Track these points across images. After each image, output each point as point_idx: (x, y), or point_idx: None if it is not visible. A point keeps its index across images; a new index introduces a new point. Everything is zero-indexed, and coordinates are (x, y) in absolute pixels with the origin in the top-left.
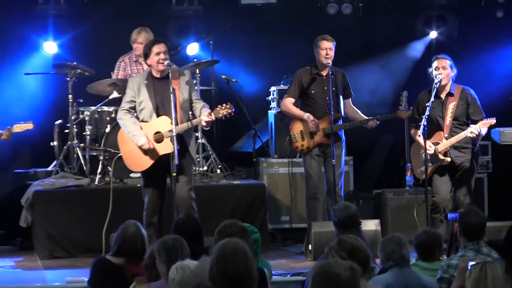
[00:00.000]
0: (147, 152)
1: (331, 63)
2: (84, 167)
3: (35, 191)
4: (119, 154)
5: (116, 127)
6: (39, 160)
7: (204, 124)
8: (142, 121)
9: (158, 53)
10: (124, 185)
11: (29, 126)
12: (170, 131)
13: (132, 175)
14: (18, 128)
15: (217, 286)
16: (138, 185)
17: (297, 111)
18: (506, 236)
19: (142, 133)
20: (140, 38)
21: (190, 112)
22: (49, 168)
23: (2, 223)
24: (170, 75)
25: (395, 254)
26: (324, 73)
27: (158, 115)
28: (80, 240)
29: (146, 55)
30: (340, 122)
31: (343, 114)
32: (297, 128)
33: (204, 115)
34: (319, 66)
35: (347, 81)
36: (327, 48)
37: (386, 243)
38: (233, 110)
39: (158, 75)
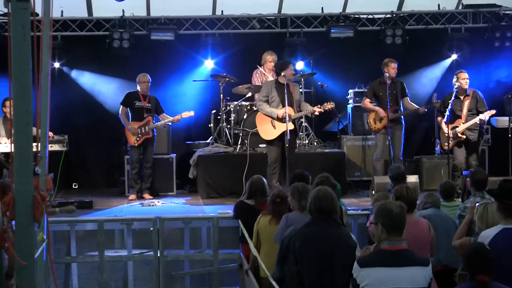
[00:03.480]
0: (275, 127)
1: (394, 77)
2: (230, 140)
3: (199, 155)
4: (251, 131)
5: (251, 114)
6: (201, 135)
7: (316, 113)
8: None
9: (291, 70)
10: (255, 152)
11: (191, 113)
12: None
13: (260, 145)
14: (185, 114)
15: (314, 216)
16: (264, 151)
17: (371, 106)
18: (498, 186)
19: (277, 110)
20: (271, 59)
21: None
22: (208, 141)
23: (178, 175)
24: (287, 84)
25: (428, 201)
26: (389, 82)
27: (283, 107)
28: (227, 186)
29: (282, 69)
30: (402, 110)
31: (401, 107)
32: (371, 117)
33: (316, 108)
34: (386, 78)
35: (404, 86)
36: (393, 68)
37: (431, 196)
38: (334, 105)
39: (282, 82)
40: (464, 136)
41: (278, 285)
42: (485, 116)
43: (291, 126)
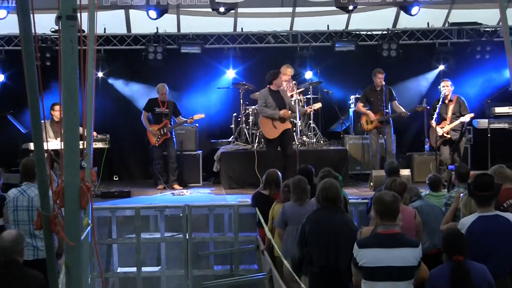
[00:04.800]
0: (276, 127)
1: (383, 83)
2: (248, 139)
3: (222, 151)
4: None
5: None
6: (224, 135)
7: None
8: None
9: (281, 78)
10: None
11: (202, 115)
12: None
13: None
14: (197, 117)
15: (321, 204)
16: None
17: (364, 110)
18: (473, 179)
19: (278, 111)
20: (290, 72)
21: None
22: (229, 140)
23: (204, 168)
24: (278, 90)
25: (412, 195)
26: (378, 89)
27: (279, 109)
28: (246, 179)
29: (274, 79)
30: (390, 113)
31: (389, 111)
32: (364, 119)
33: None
34: (376, 85)
35: (392, 92)
36: (380, 78)
37: (412, 189)
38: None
39: (274, 89)
40: (449, 136)
41: (299, 264)
42: (465, 118)
43: (289, 125)
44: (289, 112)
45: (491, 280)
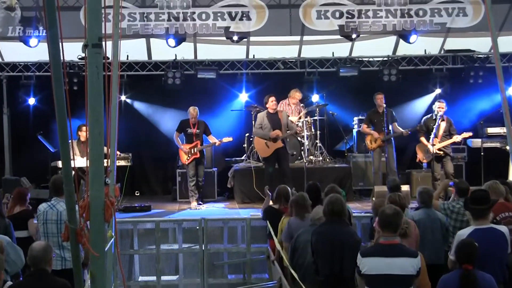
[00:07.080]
0: (269, 146)
1: (383, 106)
2: (260, 158)
3: (235, 169)
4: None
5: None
6: (237, 153)
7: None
8: None
9: (271, 102)
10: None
11: (230, 139)
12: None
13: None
14: (225, 140)
15: (328, 217)
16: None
17: (368, 130)
18: (470, 194)
19: (269, 133)
20: (299, 96)
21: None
22: (242, 158)
23: (219, 184)
24: (275, 112)
25: (425, 200)
26: (380, 110)
27: (273, 130)
28: (257, 194)
29: (266, 103)
30: (392, 132)
31: (391, 130)
32: (368, 138)
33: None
34: (378, 107)
35: (393, 114)
36: (380, 99)
37: (422, 194)
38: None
39: (271, 111)
40: (442, 152)
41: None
42: (457, 139)
43: (280, 144)
44: (280, 133)
45: None
